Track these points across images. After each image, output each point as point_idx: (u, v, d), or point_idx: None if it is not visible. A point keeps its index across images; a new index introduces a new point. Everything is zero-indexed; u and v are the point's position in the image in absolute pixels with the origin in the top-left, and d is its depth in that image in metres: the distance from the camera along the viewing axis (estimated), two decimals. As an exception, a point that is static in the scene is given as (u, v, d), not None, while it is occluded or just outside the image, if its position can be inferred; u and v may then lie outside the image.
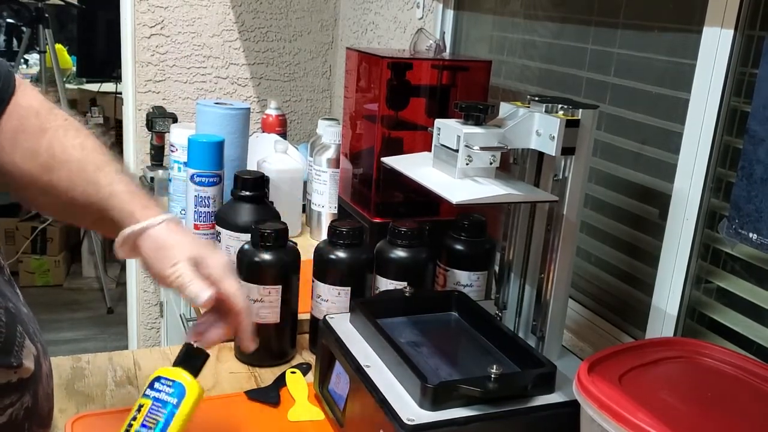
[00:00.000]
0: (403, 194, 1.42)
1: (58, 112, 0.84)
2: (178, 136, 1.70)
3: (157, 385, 0.75)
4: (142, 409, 0.74)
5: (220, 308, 0.81)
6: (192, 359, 0.77)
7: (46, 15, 3.34)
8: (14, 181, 0.82)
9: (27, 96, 0.83)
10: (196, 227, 1.43)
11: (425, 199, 1.38)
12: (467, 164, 0.90)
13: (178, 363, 0.77)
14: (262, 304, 1.09)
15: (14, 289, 0.77)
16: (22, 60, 3.69)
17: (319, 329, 1.02)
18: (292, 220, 1.52)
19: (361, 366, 0.89)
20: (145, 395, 0.75)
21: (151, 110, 2.11)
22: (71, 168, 0.81)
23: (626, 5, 1.20)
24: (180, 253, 0.78)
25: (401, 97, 1.39)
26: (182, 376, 0.75)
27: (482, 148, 0.89)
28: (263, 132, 2.07)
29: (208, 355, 0.79)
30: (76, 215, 0.86)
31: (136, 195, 0.81)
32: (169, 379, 0.75)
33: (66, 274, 3.83)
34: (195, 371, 0.77)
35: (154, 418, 0.73)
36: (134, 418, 0.73)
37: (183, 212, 1.60)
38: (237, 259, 1.11)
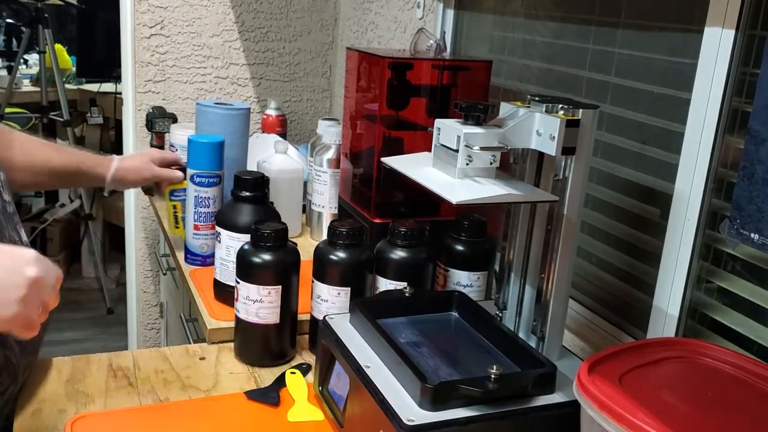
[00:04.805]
0: (403, 194, 1.42)
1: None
2: (177, 136, 1.70)
3: None
4: None
5: None
6: None
7: (46, 15, 3.34)
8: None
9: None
10: (196, 227, 1.43)
11: (425, 199, 1.38)
12: (467, 164, 0.90)
13: None
14: (262, 304, 1.08)
15: None
16: (21, 60, 3.68)
17: (319, 329, 1.02)
18: (292, 220, 1.52)
19: (361, 366, 0.89)
20: None
21: (151, 110, 2.11)
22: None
23: (627, 5, 1.20)
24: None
25: (401, 97, 1.39)
26: None
27: (482, 148, 0.89)
28: (263, 132, 2.07)
29: None
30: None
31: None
32: None
33: (66, 274, 3.80)
34: None
35: None
36: None
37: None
38: (237, 259, 1.11)
